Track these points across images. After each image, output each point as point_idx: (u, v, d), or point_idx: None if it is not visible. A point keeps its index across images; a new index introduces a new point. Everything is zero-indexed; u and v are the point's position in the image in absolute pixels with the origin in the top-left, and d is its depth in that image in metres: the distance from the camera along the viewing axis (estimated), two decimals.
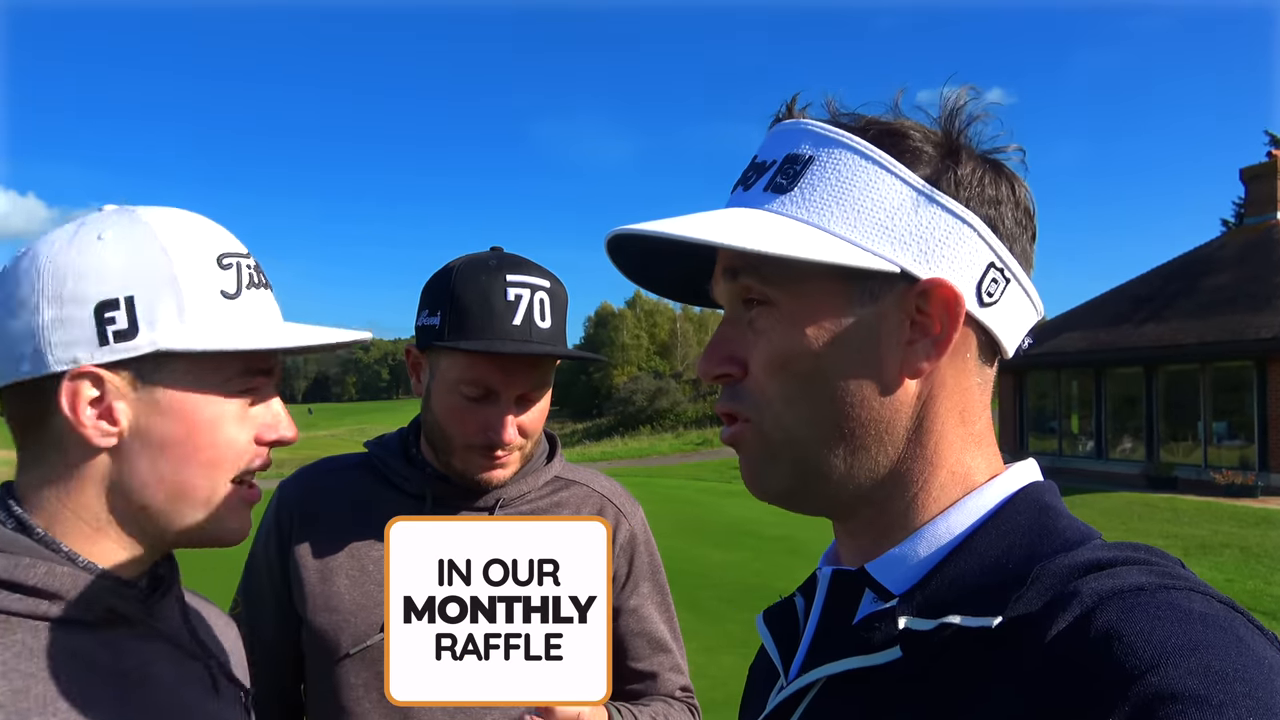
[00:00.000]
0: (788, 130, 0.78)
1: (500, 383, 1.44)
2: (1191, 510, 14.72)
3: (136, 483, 0.91)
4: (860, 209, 0.73)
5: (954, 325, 0.72)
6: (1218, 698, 0.53)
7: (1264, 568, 10.34)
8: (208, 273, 0.92)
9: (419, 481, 1.55)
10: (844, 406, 0.73)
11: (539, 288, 1.46)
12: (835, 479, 0.75)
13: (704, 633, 7.85)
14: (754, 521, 14.29)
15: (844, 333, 0.73)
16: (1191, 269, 20.33)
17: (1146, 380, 19.36)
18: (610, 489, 1.70)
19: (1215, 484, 16.71)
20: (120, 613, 0.92)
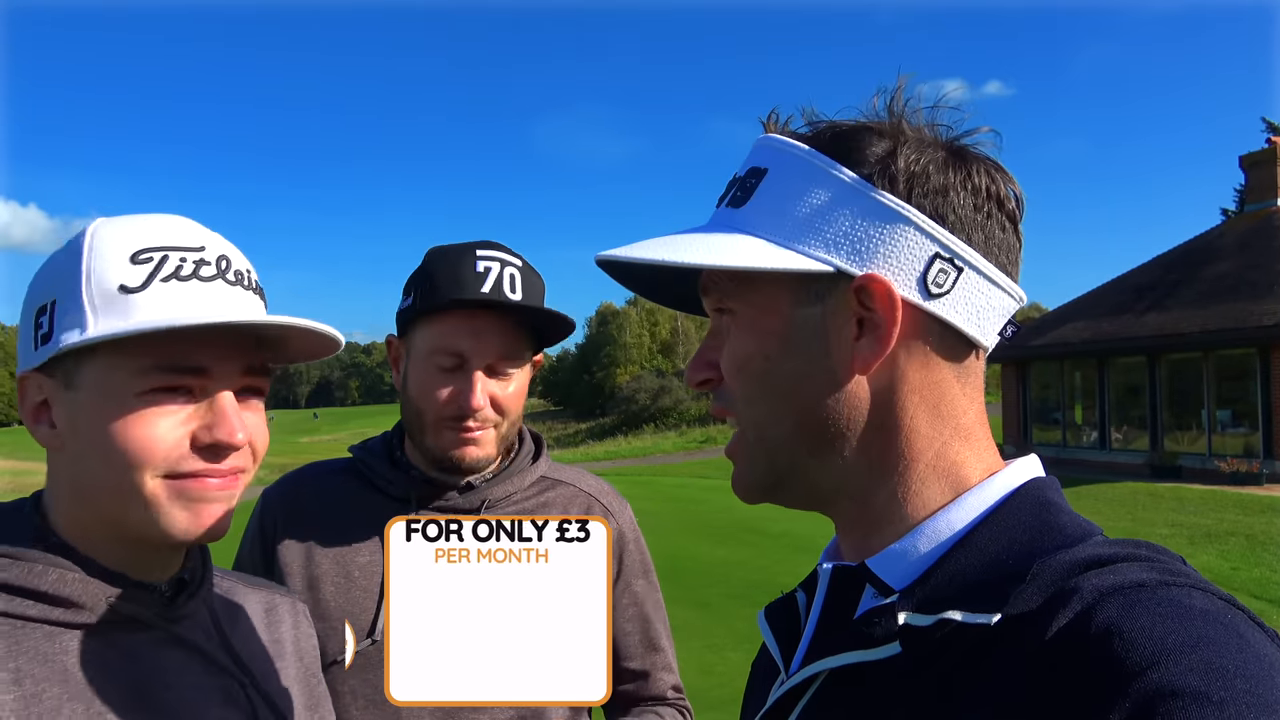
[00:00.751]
0: (757, 145, 0.81)
1: (470, 348, 1.45)
2: (1196, 499, 14.69)
3: (85, 483, 0.92)
4: (797, 214, 0.75)
5: (892, 319, 0.73)
6: (1218, 694, 0.53)
7: (1270, 555, 10.32)
8: (112, 269, 0.90)
9: (403, 484, 1.54)
10: (800, 403, 0.76)
11: (509, 263, 1.47)
12: (807, 474, 0.78)
13: (710, 630, 7.86)
14: (758, 518, 14.28)
15: (791, 334, 0.76)
16: (1193, 257, 20.29)
17: (1149, 369, 19.33)
18: (598, 488, 1.70)
19: (1220, 472, 16.68)
20: (133, 617, 0.92)
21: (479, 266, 1.45)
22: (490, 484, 1.56)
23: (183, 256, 0.92)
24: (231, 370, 0.94)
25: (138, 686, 0.91)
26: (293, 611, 1.19)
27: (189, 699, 0.95)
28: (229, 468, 0.93)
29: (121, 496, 0.90)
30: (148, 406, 0.90)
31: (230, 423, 0.92)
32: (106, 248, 0.91)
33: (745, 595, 8.85)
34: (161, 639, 0.95)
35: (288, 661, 1.13)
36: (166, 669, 0.94)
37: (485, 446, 1.50)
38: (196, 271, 0.92)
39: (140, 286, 0.90)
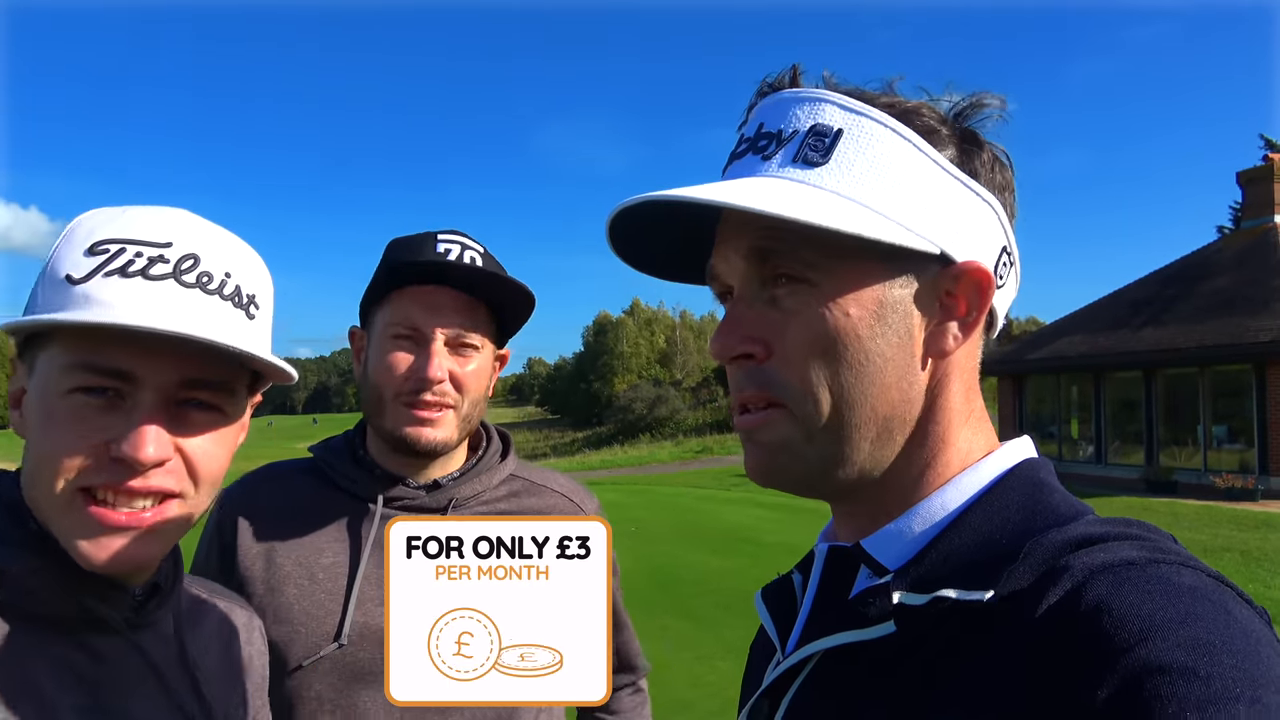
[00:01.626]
0: (805, 99, 0.75)
1: (425, 319, 1.42)
2: (1191, 514, 14.68)
3: (28, 475, 0.88)
4: (901, 187, 0.72)
5: (983, 308, 0.74)
6: (1205, 669, 0.53)
7: (1264, 571, 10.32)
8: (68, 259, 0.86)
9: (367, 484, 1.49)
10: (881, 389, 0.73)
11: (470, 247, 1.45)
12: (857, 463, 0.74)
13: (700, 640, 7.82)
14: (751, 529, 14.26)
15: (884, 313, 0.72)
16: (1189, 273, 20.34)
17: (1145, 384, 19.35)
18: (568, 487, 1.67)
19: (1215, 488, 16.68)
20: (100, 618, 0.89)
21: (439, 248, 1.43)
22: (457, 483, 1.52)
23: (139, 251, 0.86)
24: (163, 379, 0.86)
25: (95, 689, 0.88)
26: (248, 626, 1.16)
27: (140, 709, 0.92)
28: (143, 487, 0.85)
29: (44, 501, 0.86)
30: (67, 407, 0.85)
31: (139, 435, 0.84)
32: (75, 237, 0.88)
33: (736, 606, 8.81)
34: (124, 645, 0.92)
35: (238, 678, 1.10)
36: (125, 674, 0.91)
37: (443, 428, 1.45)
38: (146, 269, 0.85)
39: (83, 278, 0.84)
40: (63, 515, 0.85)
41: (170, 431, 0.87)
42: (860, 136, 0.73)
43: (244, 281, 0.92)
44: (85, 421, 0.85)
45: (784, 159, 0.74)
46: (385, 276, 1.45)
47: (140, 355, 0.85)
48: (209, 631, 1.08)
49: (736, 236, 0.75)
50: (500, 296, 1.48)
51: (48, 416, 0.85)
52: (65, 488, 0.84)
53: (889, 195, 0.72)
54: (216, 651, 1.08)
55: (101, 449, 0.84)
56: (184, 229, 0.90)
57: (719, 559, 11.74)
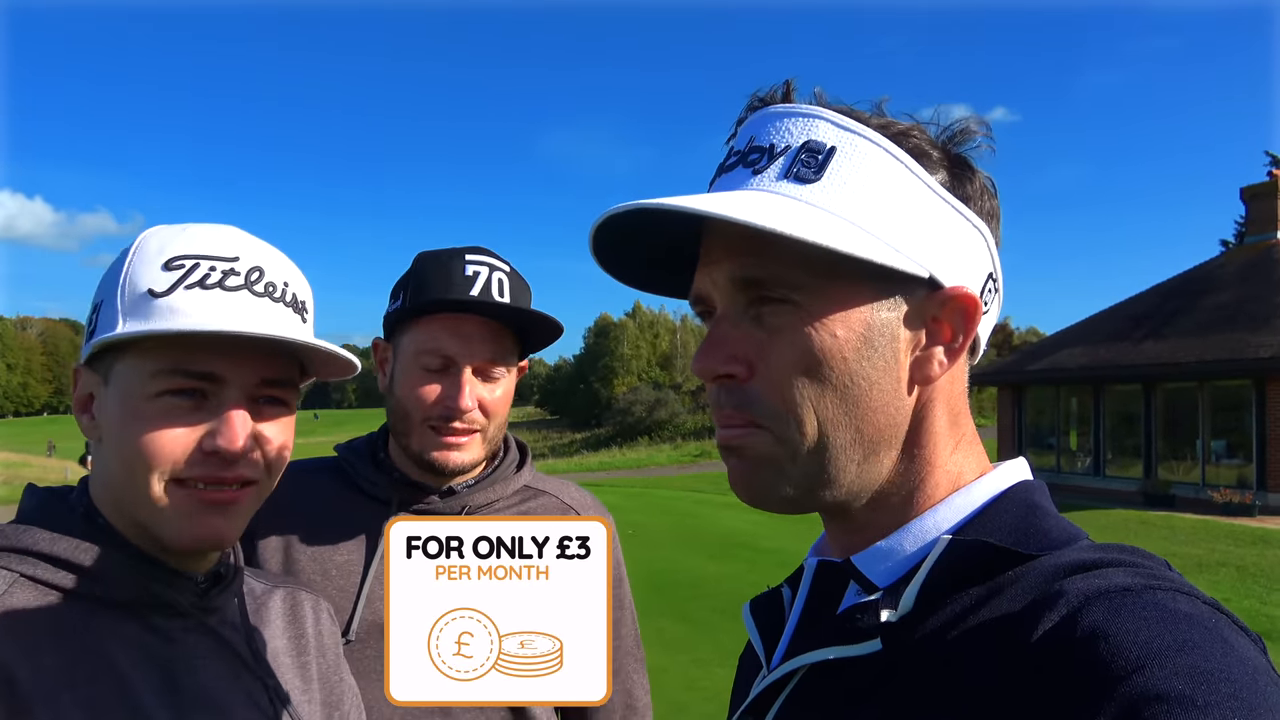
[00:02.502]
0: (797, 115, 0.75)
1: (457, 349, 1.45)
2: (1188, 528, 14.69)
3: (109, 477, 0.97)
4: (893, 208, 0.71)
5: (969, 333, 0.73)
6: (1203, 698, 0.53)
7: (1260, 587, 10.32)
8: (145, 274, 0.94)
9: (385, 486, 1.54)
10: (866, 412, 0.72)
11: (497, 268, 1.48)
12: (843, 485, 0.74)
13: (696, 644, 7.83)
14: (748, 534, 14.26)
15: (871, 336, 0.71)
16: (1191, 287, 20.34)
17: (1145, 398, 19.34)
18: (579, 500, 1.68)
19: (1213, 502, 16.67)
20: (169, 603, 0.96)
21: (467, 270, 1.46)
22: (472, 490, 1.56)
23: (213, 265, 0.95)
24: (246, 379, 0.95)
25: (167, 667, 0.95)
26: (315, 607, 1.22)
27: (212, 688, 0.98)
28: (233, 476, 0.95)
29: (132, 494, 0.94)
30: (158, 409, 0.93)
31: (233, 430, 0.93)
32: (147, 253, 0.96)
33: (733, 611, 8.72)
34: (193, 627, 0.99)
35: (309, 659, 1.16)
36: (195, 655, 0.98)
37: (470, 451, 1.50)
38: (222, 281, 0.94)
39: (165, 291, 0.93)
40: (156, 502, 0.93)
41: (253, 425, 0.97)
42: (854, 155, 0.72)
43: (298, 290, 1.02)
44: (179, 421, 0.93)
45: (775, 174, 0.73)
46: (415, 299, 1.47)
47: (225, 359, 0.94)
48: (274, 615, 1.15)
49: (722, 252, 0.74)
50: (528, 324, 1.52)
51: (136, 418, 0.93)
52: (161, 480, 0.93)
53: (881, 216, 0.71)
54: (281, 634, 1.15)
55: (195, 445, 0.93)
56: (246, 245, 0.99)
57: (716, 564, 11.75)
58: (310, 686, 1.14)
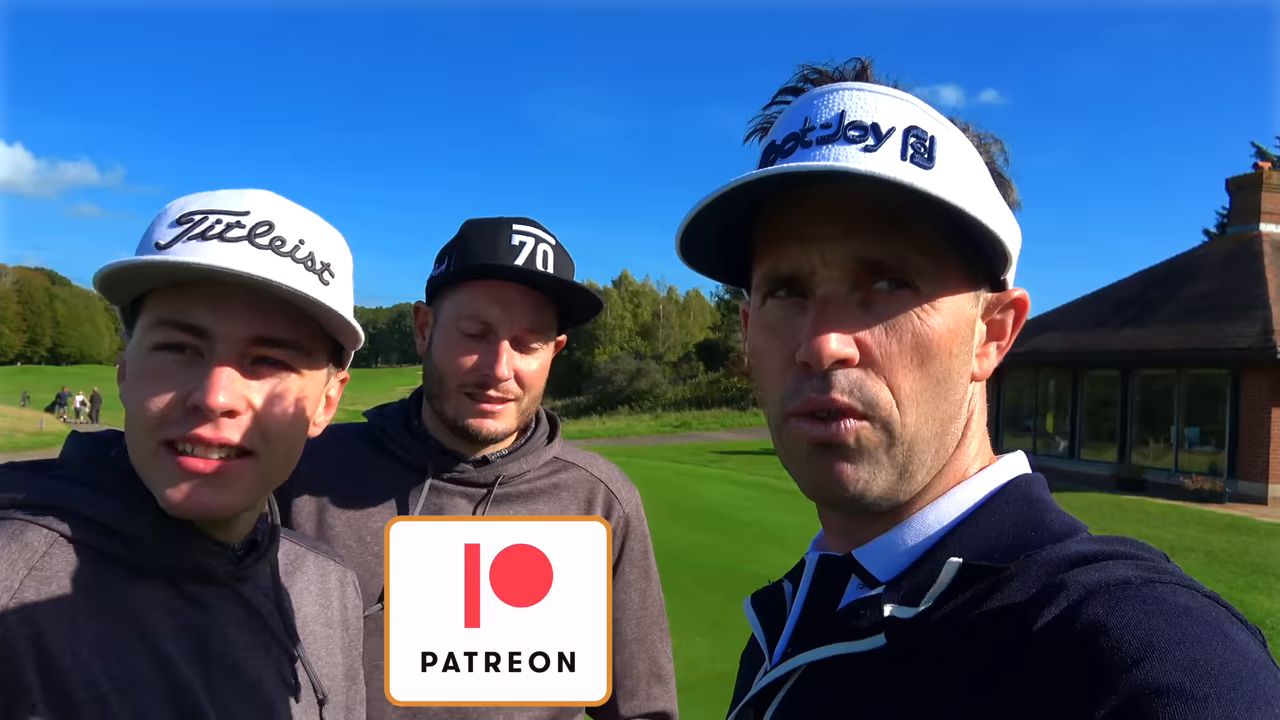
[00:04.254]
0: (892, 97, 0.72)
1: (498, 317, 1.45)
2: (1160, 513, 14.91)
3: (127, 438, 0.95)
4: (990, 203, 0.72)
5: (1017, 332, 0.76)
6: (1203, 691, 0.53)
7: (1228, 573, 10.50)
8: (157, 230, 0.93)
9: (420, 453, 1.53)
10: (949, 406, 0.72)
11: (544, 240, 1.48)
12: (918, 479, 0.72)
13: (677, 614, 7.79)
14: (729, 505, 14.37)
15: (965, 330, 0.72)
16: (1173, 276, 20.49)
17: (1122, 383, 19.54)
18: (608, 473, 1.70)
19: (1184, 489, 16.93)
20: (205, 569, 0.96)
21: (514, 240, 1.45)
22: (505, 460, 1.56)
23: (218, 219, 0.92)
24: (235, 333, 0.91)
25: (200, 636, 0.95)
26: (342, 580, 1.22)
27: (242, 658, 0.98)
28: (214, 437, 0.89)
29: (135, 457, 0.93)
30: (150, 363, 0.91)
31: (212, 383, 0.88)
32: (167, 213, 0.94)
33: (713, 582, 8.90)
34: (227, 595, 0.98)
35: (334, 630, 1.16)
36: (228, 624, 0.98)
37: (503, 420, 1.50)
38: (223, 233, 0.91)
39: (168, 244, 0.91)
40: (149, 465, 0.92)
41: (243, 386, 0.92)
42: (953, 146, 0.71)
43: (318, 249, 0.97)
44: (166, 376, 0.91)
45: (894, 153, 0.69)
46: (460, 263, 1.47)
47: (215, 312, 0.90)
48: (305, 583, 1.14)
49: (840, 227, 0.69)
50: (570, 297, 1.52)
51: (135, 374, 0.92)
52: (149, 439, 0.91)
53: (986, 208, 0.70)
54: (312, 603, 1.14)
55: (179, 401, 0.90)
56: (264, 202, 0.96)
57: (697, 535, 11.82)
58: (334, 658, 1.14)
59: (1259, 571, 10.65)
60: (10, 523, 0.88)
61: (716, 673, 6.17)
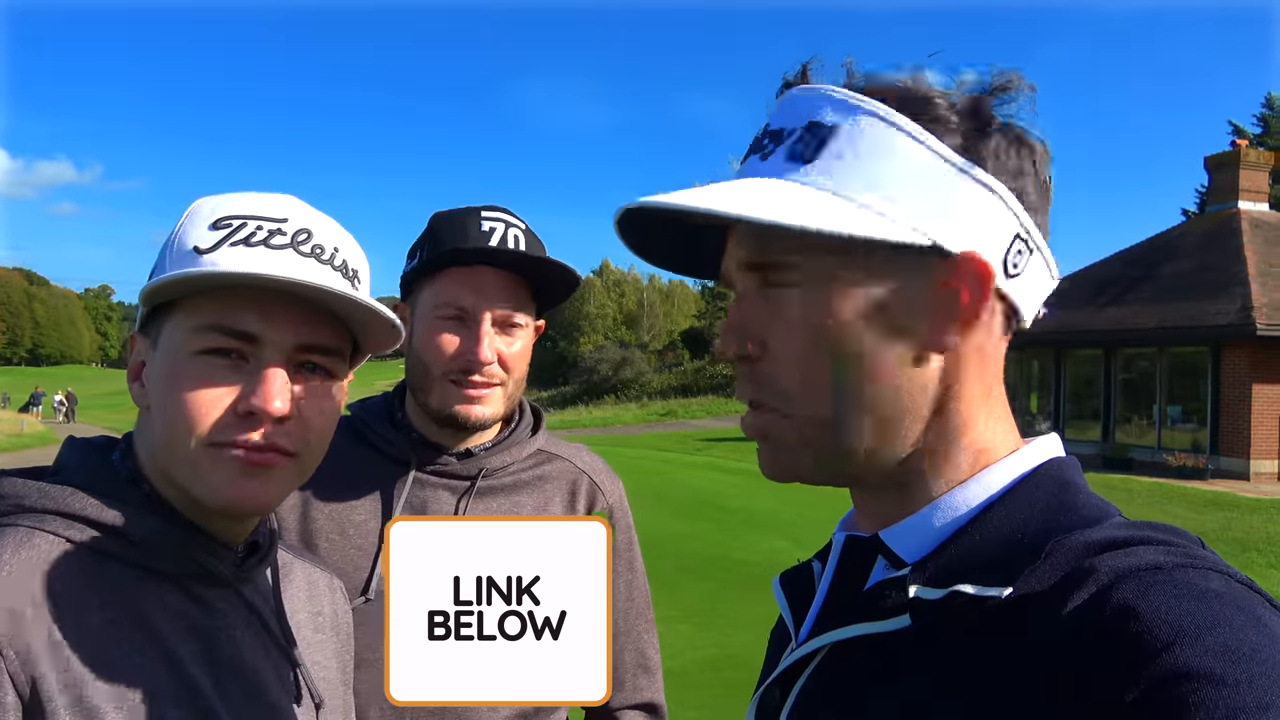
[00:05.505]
0: (806, 96, 0.75)
1: (474, 300, 1.45)
2: (1145, 491, 15.08)
3: (154, 441, 0.95)
4: (889, 179, 0.70)
5: (984, 299, 0.71)
6: (1234, 676, 0.53)
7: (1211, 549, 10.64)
8: (194, 233, 0.93)
9: (403, 445, 1.53)
10: (873, 387, 0.71)
11: (513, 224, 1.48)
12: (862, 458, 0.74)
13: (660, 602, 7.82)
14: (715, 493, 14.42)
15: (873, 310, 0.71)
16: (1153, 255, 20.67)
17: (1105, 362, 19.74)
18: (592, 465, 1.69)
19: (1168, 466, 17.14)
20: (209, 571, 0.96)
21: (484, 225, 1.46)
22: (489, 453, 1.56)
23: (259, 224, 0.93)
24: (284, 339, 0.93)
25: (209, 637, 0.95)
26: (331, 587, 1.23)
27: (248, 659, 0.98)
28: (265, 441, 0.92)
29: (172, 457, 0.93)
30: (196, 368, 0.92)
31: (267, 389, 0.91)
32: (198, 216, 0.95)
33: (698, 569, 8.93)
34: (231, 597, 0.99)
35: (326, 635, 1.17)
36: (233, 626, 0.98)
37: (491, 405, 1.49)
38: (267, 240, 0.93)
39: (210, 249, 0.92)
40: (195, 464, 0.92)
41: (292, 391, 0.94)
42: (853, 130, 0.71)
43: (349, 257, 1.00)
44: (216, 380, 0.92)
45: (779, 156, 0.74)
46: (431, 257, 1.47)
47: (264, 318, 0.92)
48: (296, 589, 1.15)
49: (735, 237, 0.75)
50: (544, 275, 1.51)
51: (176, 378, 0.92)
52: (199, 442, 0.91)
53: (876, 187, 0.70)
54: (303, 608, 1.15)
55: (231, 406, 0.91)
56: (298, 208, 0.98)
57: (681, 523, 11.85)
58: (328, 662, 1.15)
59: (1241, 546, 10.79)
60: (16, 529, 0.88)
61: (701, 660, 6.20)
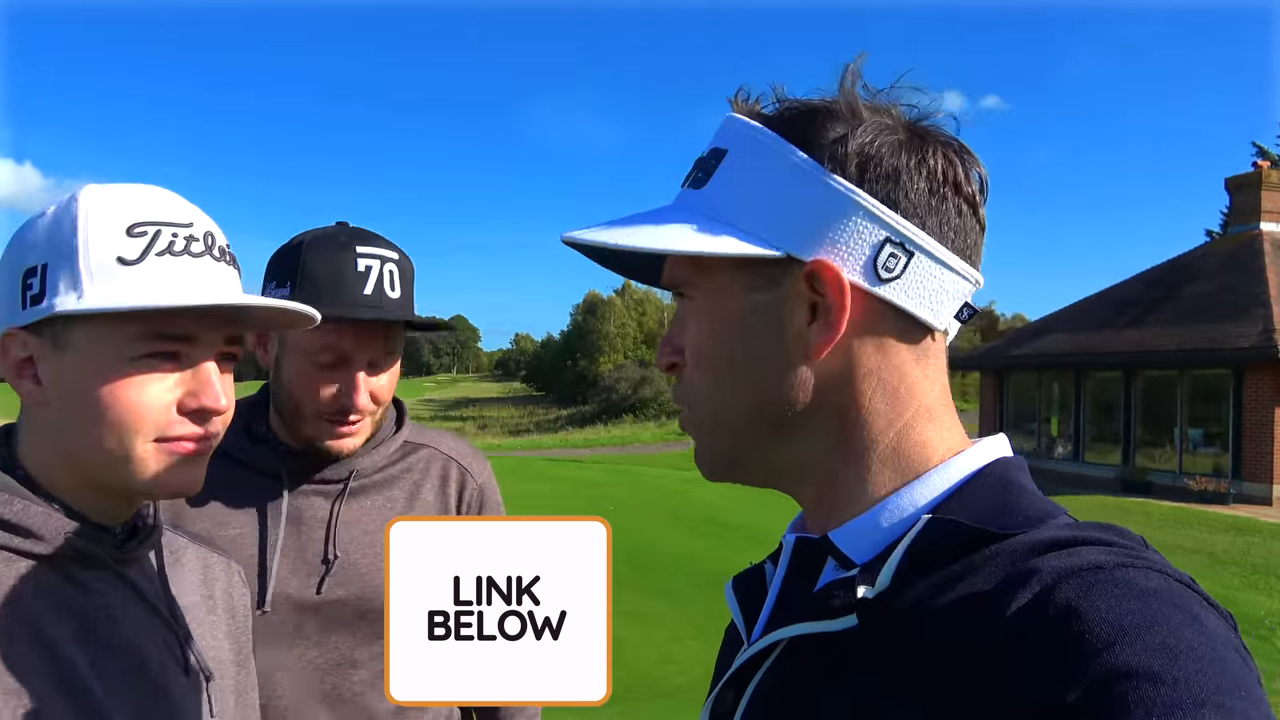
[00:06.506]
0: (721, 125, 0.81)
1: (353, 349, 1.49)
2: (1164, 515, 14.89)
3: (67, 438, 0.97)
4: (752, 198, 0.76)
5: (841, 304, 0.73)
6: (1172, 674, 0.54)
7: (1228, 574, 10.50)
8: (110, 241, 0.95)
9: (272, 460, 1.56)
10: (757, 391, 0.77)
11: (388, 259, 1.52)
12: (766, 459, 0.80)
13: (672, 619, 7.92)
14: (723, 510, 14.36)
15: (747, 320, 0.76)
16: (1174, 276, 20.46)
17: (1125, 385, 19.50)
18: (456, 448, 1.74)
19: (1189, 490, 16.88)
20: (88, 554, 0.98)
21: (360, 265, 1.48)
22: (357, 457, 1.60)
23: (175, 232, 0.98)
24: (215, 339, 1.00)
25: (86, 617, 0.97)
26: (227, 570, 1.26)
27: (129, 635, 1.01)
28: (206, 431, 0.99)
29: (110, 456, 0.96)
30: (138, 372, 0.95)
31: (214, 389, 0.99)
32: (103, 218, 0.96)
33: (709, 586, 8.87)
34: (111, 578, 1.01)
35: (219, 616, 1.20)
36: (114, 604, 1.00)
37: (361, 435, 1.56)
38: (188, 248, 0.98)
39: (136, 259, 0.95)
40: (143, 463, 0.97)
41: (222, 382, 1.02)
42: (737, 152, 0.77)
43: (229, 247, 1.06)
44: (162, 382, 0.97)
45: (688, 183, 0.81)
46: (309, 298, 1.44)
47: (200, 321, 0.98)
48: (188, 572, 1.18)
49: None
50: (421, 328, 1.57)
51: (113, 382, 0.95)
52: (145, 440, 0.96)
53: (740, 206, 0.76)
54: (195, 589, 1.18)
55: (175, 404, 0.98)
56: (189, 209, 1.02)
57: (694, 541, 11.84)
58: (219, 641, 1.19)
59: (1260, 571, 10.65)
60: None
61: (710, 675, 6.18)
